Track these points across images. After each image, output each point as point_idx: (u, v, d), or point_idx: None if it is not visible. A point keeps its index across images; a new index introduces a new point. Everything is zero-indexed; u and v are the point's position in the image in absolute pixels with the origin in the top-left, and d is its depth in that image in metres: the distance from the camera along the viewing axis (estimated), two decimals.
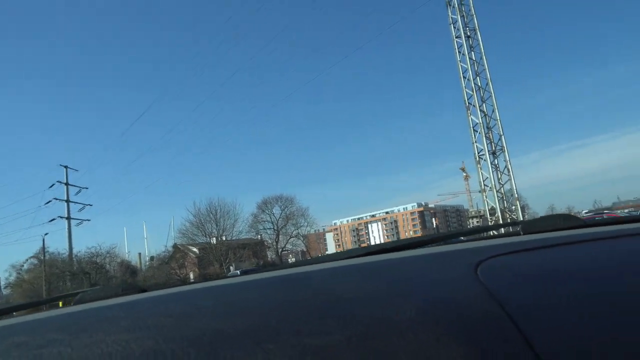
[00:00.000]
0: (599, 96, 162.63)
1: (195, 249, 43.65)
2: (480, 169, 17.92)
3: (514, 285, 0.65)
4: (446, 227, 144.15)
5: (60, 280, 31.66)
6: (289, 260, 56.11)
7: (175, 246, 42.95)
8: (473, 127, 18.21)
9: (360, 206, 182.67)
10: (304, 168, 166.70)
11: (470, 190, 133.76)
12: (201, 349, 0.55)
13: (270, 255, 50.30)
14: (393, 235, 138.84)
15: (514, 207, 17.30)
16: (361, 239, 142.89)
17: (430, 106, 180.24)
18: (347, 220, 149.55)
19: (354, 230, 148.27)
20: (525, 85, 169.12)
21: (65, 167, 42.17)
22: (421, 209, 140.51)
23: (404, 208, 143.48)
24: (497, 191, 17.33)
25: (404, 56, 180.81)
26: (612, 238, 0.82)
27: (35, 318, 0.80)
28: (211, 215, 42.60)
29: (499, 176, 17.58)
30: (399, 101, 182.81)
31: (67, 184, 41.72)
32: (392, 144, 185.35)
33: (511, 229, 1.17)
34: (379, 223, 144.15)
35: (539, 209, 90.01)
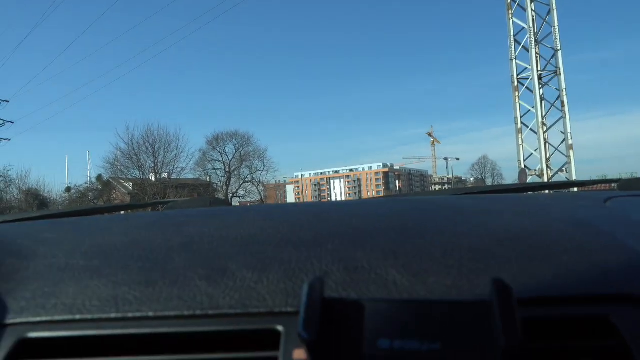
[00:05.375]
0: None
1: (127, 185, 36.76)
2: (518, 97, 11.90)
3: None
4: (409, 190, 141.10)
5: None
6: None
7: (99, 178, 35.85)
8: (514, 36, 12.04)
9: (324, 161, 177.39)
10: (269, 114, 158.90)
11: (436, 156, 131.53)
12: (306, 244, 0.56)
13: None
14: (355, 194, 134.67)
15: (565, 164, 11.41)
16: (322, 194, 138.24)
17: (408, 68, 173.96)
18: (310, 174, 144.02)
19: (315, 185, 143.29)
20: None
21: None
22: (386, 169, 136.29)
23: (368, 167, 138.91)
24: (543, 132, 11.40)
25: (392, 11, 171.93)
26: None
27: (153, 213, 0.86)
28: (147, 146, 35.46)
29: (545, 112, 11.65)
30: (376, 60, 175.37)
31: None
32: (361, 103, 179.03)
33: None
34: (342, 180, 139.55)
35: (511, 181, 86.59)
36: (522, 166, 11.78)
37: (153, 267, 0.52)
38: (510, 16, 12.06)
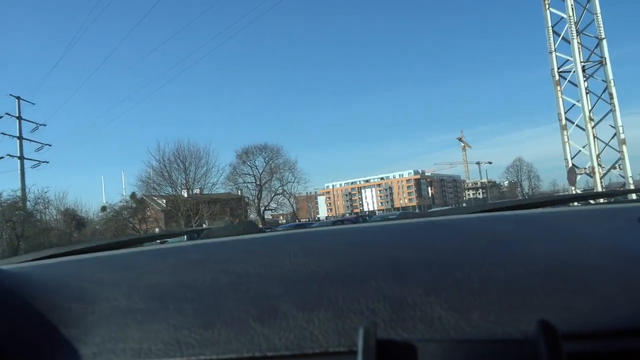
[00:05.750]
0: None
1: (160, 201, 37.10)
2: (561, 92, 11.16)
3: None
4: (442, 197, 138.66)
5: None
6: (280, 222, 49.46)
7: (133, 196, 36.25)
8: (552, 27, 11.35)
9: (354, 170, 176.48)
10: (297, 125, 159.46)
11: (468, 161, 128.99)
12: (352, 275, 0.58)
13: (250, 213, 43.87)
14: (387, 202, 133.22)
15: (618, 162, 10.57)
16: (354, 204, 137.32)
17: (431, 74, 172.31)
18: (340, 184, 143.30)
19: (346, 195, 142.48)
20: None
21: (18, 98, 35.10)
22: (417, 176, 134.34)
23: (399, 175, 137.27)
24: (592, 127, 10.62)
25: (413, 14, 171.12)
26: None
27: (188, 244, 0.87)
28: (178, 162, 35.74)
29: (591, 106, 10.86)
30: (402, 67, 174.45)
31: (19, 117, 34.84)
32: (389, 111, 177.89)
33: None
34: (373, 189, 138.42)
35: (547, 185, 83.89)
36: (570, 164, 11.01)
37: (207, 309, 0.54)
38: (547, 6, 11.38)
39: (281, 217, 58.44)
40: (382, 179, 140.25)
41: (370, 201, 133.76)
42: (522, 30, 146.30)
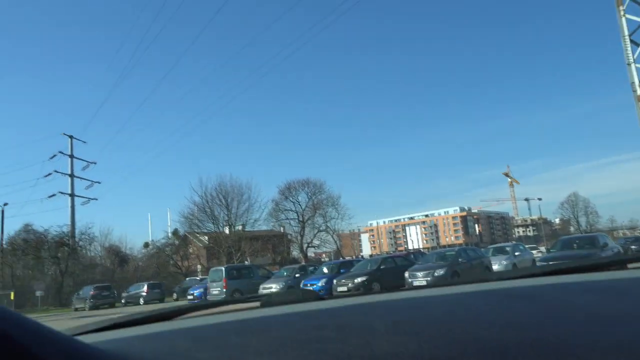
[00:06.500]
0: None
1: (202, 238, 36.75)
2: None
3: None
4: (490, 234, 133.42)
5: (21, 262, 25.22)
6: (322, 260, 48.15)
7: (175, 233, 36.07)
8: (629, 36, 10.10)
9: (398, 207, 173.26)
10: (340, 162, 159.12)
11: (516, 197, 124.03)
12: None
13: (292, 250, 42.88)
14: (433, 240, 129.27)
15: None
16: (398, 242, 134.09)
17: (475, 113, 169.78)
18: (384, 222, 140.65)
19: (390, 232, 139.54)
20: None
21: (70, 136, 36.34)
22: (464, 213, 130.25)
23: (445, 212, 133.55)
24: None
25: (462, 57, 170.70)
26: None
27: (263, 316, 0.84)
28: (220, 197, 35.47)
29: None
30: (446, 104, 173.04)
31: (71, 156, 35.94)
32: (433, 148, 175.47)
33: None
34: (418, 226, 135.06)
35: (605, 222, 79.00)
36: None
37: None
38: (622, 13, 10.18)
39: (324, 255, 57.11)
40: (426, 216, 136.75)
41: (415, 239, 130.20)
42: (575, 59, 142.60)
